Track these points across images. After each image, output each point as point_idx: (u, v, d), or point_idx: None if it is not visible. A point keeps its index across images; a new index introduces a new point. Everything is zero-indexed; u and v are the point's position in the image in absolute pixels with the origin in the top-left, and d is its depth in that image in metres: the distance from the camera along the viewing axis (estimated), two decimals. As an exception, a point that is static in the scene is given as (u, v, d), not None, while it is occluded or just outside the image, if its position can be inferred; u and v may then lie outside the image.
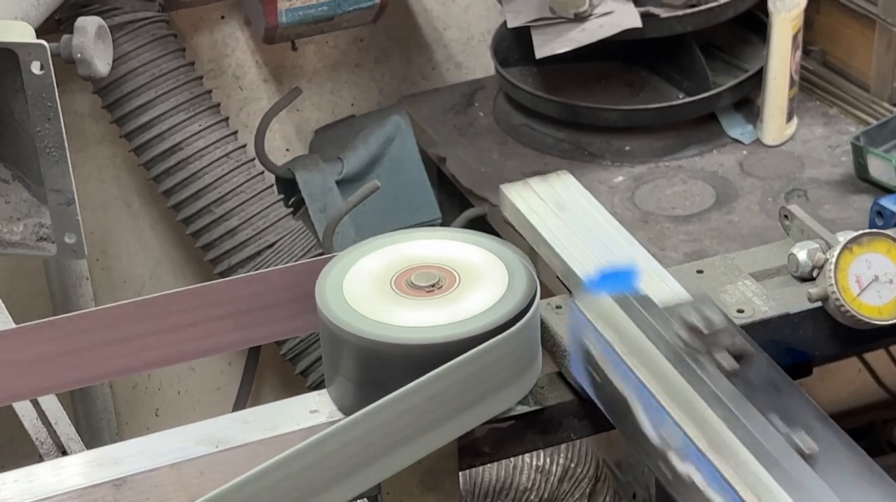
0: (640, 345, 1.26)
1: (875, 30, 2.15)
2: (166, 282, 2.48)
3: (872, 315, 1.36)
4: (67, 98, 2.17)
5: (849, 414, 2.63)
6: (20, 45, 1.47)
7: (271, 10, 2.20)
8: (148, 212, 2.42)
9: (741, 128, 2.19)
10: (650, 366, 1.24)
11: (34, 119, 1.50)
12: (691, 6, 2.14)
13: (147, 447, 1.29)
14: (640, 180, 2.12)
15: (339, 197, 2.28)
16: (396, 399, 1.20)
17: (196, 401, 2.60)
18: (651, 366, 1.24)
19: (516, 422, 1.35)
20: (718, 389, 1.19)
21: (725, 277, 1.44)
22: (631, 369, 1.24)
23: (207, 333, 1.40)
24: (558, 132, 2.22)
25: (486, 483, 1.88)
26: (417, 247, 1.38)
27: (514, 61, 2.31)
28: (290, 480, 1.17)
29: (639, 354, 1.25)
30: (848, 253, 1.37)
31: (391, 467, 1.23)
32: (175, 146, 2.14)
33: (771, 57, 2.10)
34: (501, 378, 1.27)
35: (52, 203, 1.55)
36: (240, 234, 2.17)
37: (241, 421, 1.32)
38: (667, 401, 1.19)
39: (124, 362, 1.39)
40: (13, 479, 1.26)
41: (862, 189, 2.01)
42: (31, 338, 1.35)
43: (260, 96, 2.42)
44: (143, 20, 2.13)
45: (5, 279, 2.34)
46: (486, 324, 1.26)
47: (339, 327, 1.27)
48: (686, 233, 1.98)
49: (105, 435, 2.45)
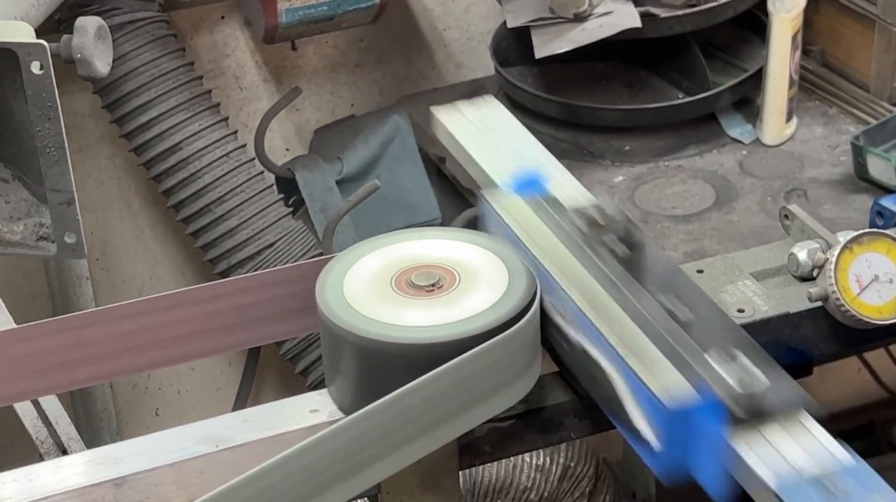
0: (543, 234, 1.38)
1: (875, 30, 2.15)
2: (166, 282, 2.48)
3: (872, 314, 1.36)
4: (67, 98, 2.17)
5: (849, 414, 2.63)
6: (20, 45, 1.47)
7: (271, 10, 2.20)
8: (148, 212, 2.42)
9: (741, 128, 2.19)
10: (550, 253, 1.36)
11: (34, 119, 1.50)
12: (691, 6, 2.14)
13: (147, 447, 1.29)
14: (639, 180, 2.12)
15: (339, 197, 2.28)
16: (396, 399, 1.20)
17: (196, 401, 2.60)
18: (550, 253, 1.36)
19: (516, 422, 1.35)
20: (610, 271, 1.31)
21: (726, 277, 1.44)
22: (532, 254, 1.36)
23: (207, 333, 1.40)
24: (558, 132, 2.22)
25: (486, 482, 1.88)
26: (417, 246, 1.39)
27: (514, 61, 2.31)
28: (290, 480, 1.17)
29: (540, 242, 1.38)
30: (848, 252, 1.37)
31: (391, 467, 1.23)
32: (175, 146, 2.14)
33: (771, 57, 2.10)
34: (501, 378, 1.27)
35: (52, 203, 1.55)
36: (240, 234, 2.17)
37: (241, 420, 1.32)
38: (563, 281, 1.32)
39: (124, 362, 1.39)
40: (13, 479, 1.26)
41: (862, 189, 2.01)
42: (31, 337, 1.35)
43: (260, 96, 2.42)
44: (143, 20, 2.13)
45: (5, 279, 2.34)
46: (486, 324, 1.27)
47: (339, 327, 1.27)
48: (686, 233, 1.98)
49: (105, 434, 2.45)
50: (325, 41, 2.43)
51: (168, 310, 1.38)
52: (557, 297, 1.32)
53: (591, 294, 1.30)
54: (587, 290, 1.30)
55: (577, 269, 1.33)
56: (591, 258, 1.33)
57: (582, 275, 1.32)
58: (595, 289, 1.30)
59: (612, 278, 1.31)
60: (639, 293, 1.28)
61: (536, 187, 1.45)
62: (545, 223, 1.40)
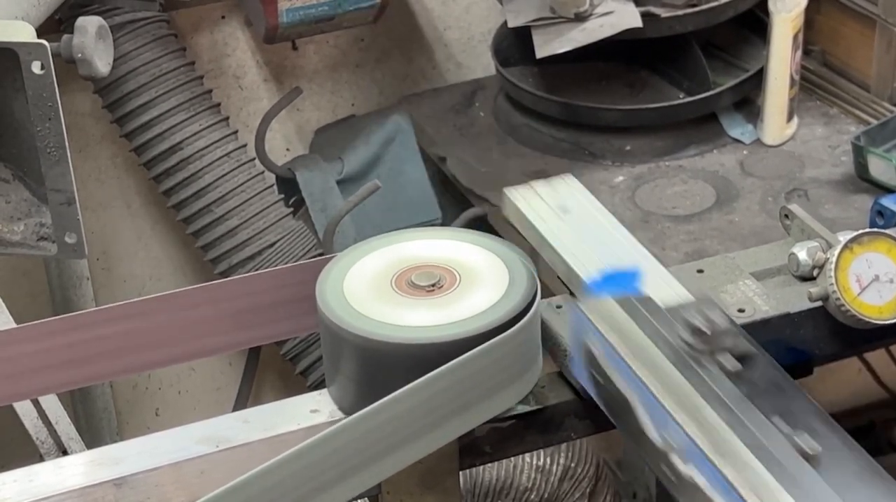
0: (643, 346, 1.25)
1: (875, 30, 2.15)
2: (166, 282, 2.48)
3: (873, 314, 1.36)
4: (68, 98, 2.17)
5: (849, 414, 2.63)
6: (21, 45, 1.47)
7: (272, 10, 2.20)
8: (148, 212, 2.42)
9: (741, 128, 2.19)
10: (652, 368, 1.24)
11: (35, 119, 1.50)
12: (691, 6, 2.14)
13: (147, 447, 1.29)
14: (640, 180, 2.12)
15: (340, 197, 2.28)
16: (397, 399, 1.20)
17: (196, 401, 2.60)
18: (653, 368, 1.24)
19: (517, 422, 1.35)
20: (721, 391, 1.19)
21: (726, 277, 1.44)
22: (633, 370, 1.24)
23: (208, 333, 1.40)
24: (559, 132, 2.22)
25: (487, 482, 1.88)
26: (417, 246, 1.38)
27: (515, 61, 2.31)
28: (290, 480, 1.17)
29: (641, 355, 1.25)
30: (848, 252, 1.37)
31: (391, 467, 1.23)
32: (175, 146, 2.14)
33: (771, 57, 2.10)
34: (502, 378, 1.27)
35: (53, 203, 1.55)
36: (240, 234, 2.17)
37: (241, 421, 1.32)
38: (669, 403, 1.19)
39: (124, 362, 1.39)
40: (13, 479, 1.26)
41: (862, 189, 2.01)
42: (31, 337, 1.35)
43: (260, 96, 2.42)
44: (143, 20, 2.13)
45: (5, 279, 2.34)
46: (487, 324, 1.26)
47: (339, 327, 1.27)
48: (686, 233, 1.98)
49: (105, 434, 2.45)
50: (325, 41, 2.43)
51: (168, 310, 1.37)
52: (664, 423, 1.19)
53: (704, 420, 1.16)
54: (698, 415, 1.17)
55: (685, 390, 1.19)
56: (698, 374, 1.21)
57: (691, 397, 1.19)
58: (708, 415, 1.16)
59: (724, 400, 1.18)
60: (756, 419, 1.15)
61: (627, 284, 1.32)
62: (644, 331, 1.26)
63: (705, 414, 1.17)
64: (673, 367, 1.22)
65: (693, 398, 1.18)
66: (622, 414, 1.26)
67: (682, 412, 1.18)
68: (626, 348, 1.26)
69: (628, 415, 1.24)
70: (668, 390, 1.21)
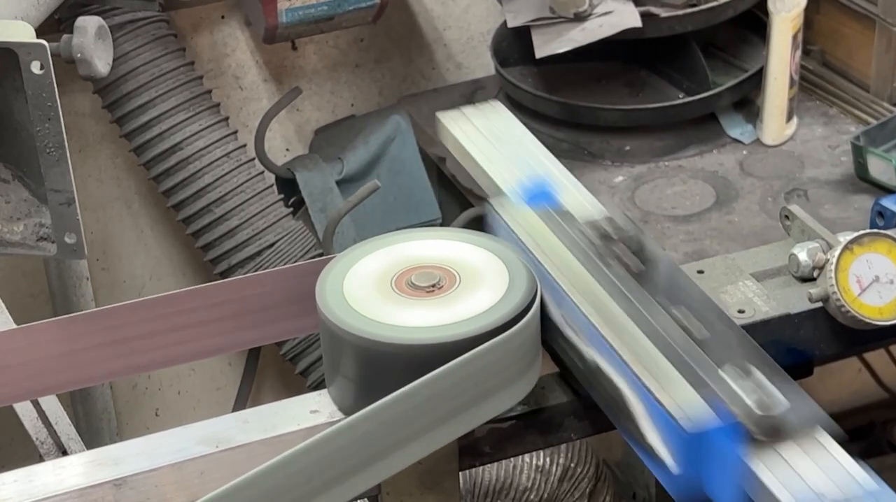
0: (554, 248, 1.36)
1: (875, 30, 2.15)
2: (166, 282, 2.48)
3: (873, 315, 1.36)
4: (67, 98, 2.17)
5: (849, 414, 2.63)
6: (20, 45, 1.47)
7: (271, 10, 2.20)
8: (148, 212, 2.42)
9: (741, 128, 2.19)
10: (561, 266, 1.34)
11: (34, 119, 1.50)
12: (691, 6, 2.14)
13: (147, 447, 1.29)
14: (640, 180, 2.12)
15: (339, 197, 2.28)
16: (396, 399, 1.20)
17: (196, 401, 2.60)
18: (562, 266, 1.34)
19: (516, 422, 1.35)
20: (622, 285, 1.29)
21: (726, 277, 1.44)
22: (544, 267, 1.34)
23: (207, 334, 1.40)
24: (558, 132, 2.22)
25: (487, 483, 1.88)
26: (417, 247, 1.38)
27: (514, 61, 2.31)
28: (290, 480, 1.17)
29: (552, 255, 1.36)
30: (849, 253, 1.37)
31: (391, 467, 1.23)
32: (175, 146, 2.14)
33: (771, 57, 2.10)
34: (501, 378, 1.27)
35: (53, 203, 1.55)
36: (240, 234, 2.17)
37: (241, 421, 1.32)
38: (575, 295, 1.30)
39: (124, 362, 1.39)
40: (13, 479, 1.26)
41: (862, 189, 2.01)
42: (31, 338, 1.35)
43: (260, 96, 2.42)
44: (143, 20, 2.13)
45: (5, 279, 2.34)
46: (486, 324, 1.26)
47: (339, 327, 1.27)
48: (686, 233, 1.98)
49: (105, 435, 2.45)
50: (325, 41, 2.43)
51: (168, 310, 1.37)
52: (570, 311, 1.30)
53: (605, 308, 1.28)
54: (600, 305, 1.29)
55: (589, 283, 1.31)
56: (603, 271, 1.31)
57: (594, 289, 1.30)
58: (608, 304, 1.28)
59: (624, 292, 1.29)
60: (652, 308, 1.27)
61: (546, 198, 1.43)
62: (556, 235, 1.37)
63: (607, 303, 1.28)
64: (580, 264, 1.33)
65: (597, 291, 1.30)
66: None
67: (587, 304, 1.29)
68: (539, 249, 1.37)
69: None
70: (573, 284, 1.31)
